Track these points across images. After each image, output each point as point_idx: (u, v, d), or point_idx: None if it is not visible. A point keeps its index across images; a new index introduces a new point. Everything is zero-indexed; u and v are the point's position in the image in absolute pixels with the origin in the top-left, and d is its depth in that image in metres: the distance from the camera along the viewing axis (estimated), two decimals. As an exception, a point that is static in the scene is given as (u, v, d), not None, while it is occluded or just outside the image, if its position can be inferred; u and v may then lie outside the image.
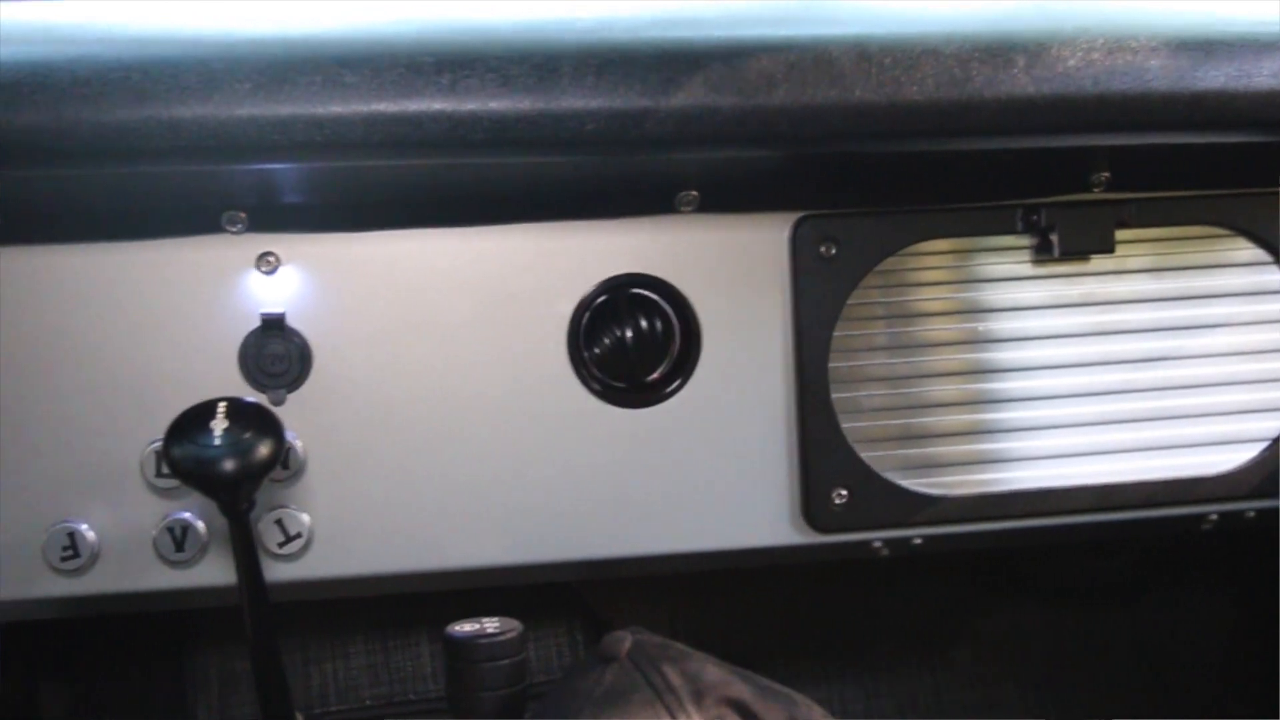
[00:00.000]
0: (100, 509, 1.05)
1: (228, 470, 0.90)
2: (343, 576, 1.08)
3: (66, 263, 1.03)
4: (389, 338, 1.06)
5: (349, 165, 0.96)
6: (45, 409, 1.03)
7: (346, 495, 1.07)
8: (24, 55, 0.89)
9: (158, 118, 0.88)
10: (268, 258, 1.04)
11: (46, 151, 0.89)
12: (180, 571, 1.06)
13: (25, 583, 1.04)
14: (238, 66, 0.89)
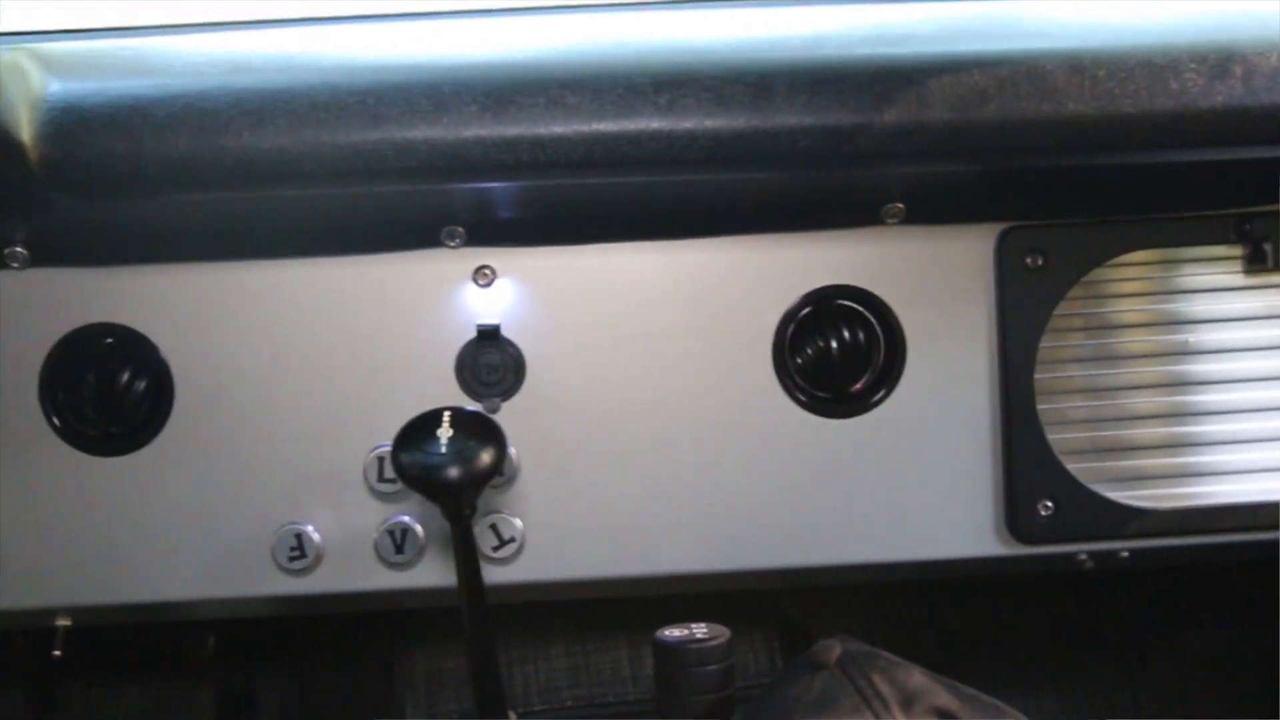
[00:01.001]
0: (325, 512, 1.09)
1: (453, 477, 0.93)
2: (552, 580, 1.11)
3: (294, 276, 1.08)
4: (599, 348, 1.09)
5: (567, 183, 1.00)
6: (275, 416, 1.08)
7: (557, 501, 1.10)
8: (267, 82, 0.94)
9: (391, 140, 0.93)
10: (484, 271, 1.08)
11: (287, 172, 0.94)
12: (399, 573, 1.10)
13: (255, 581, 1.10)
14: (465, 90, 0.94)
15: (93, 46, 1.04)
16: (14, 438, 1.08)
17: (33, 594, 1.10)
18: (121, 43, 1.05)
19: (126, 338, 1.08)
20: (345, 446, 1.09)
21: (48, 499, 1.08)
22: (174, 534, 1.09)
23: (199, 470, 1.09)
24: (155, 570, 1.10)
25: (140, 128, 0.94)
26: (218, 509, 1.09)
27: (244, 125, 0.94)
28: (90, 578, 1.10)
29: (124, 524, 1.09)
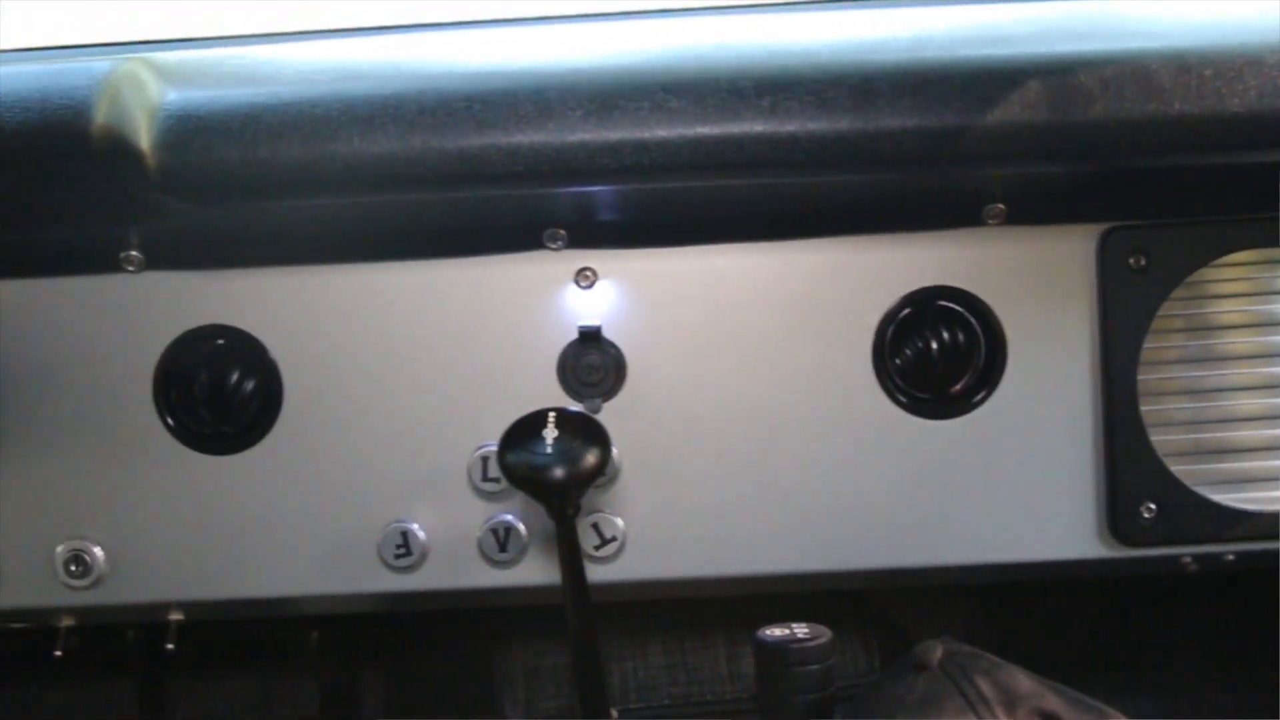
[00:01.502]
0: (430, 510, 1.11)
1: (558, 476, 0.94)
2: (653, 579, 1.12)
3: (400, 279, 1.10)
4: (700, 349, 1.10)
5: (669, 185, 1.01)
6: (382, 415, 1.10)
7: (658, 501, 1.11)
8: (376, 89, 0.96)
9: (497, 145, 0.95)
10: (586, 273, 1.09)
11: (396, 177, 0.96)
12: (502, 571, 1.12)
13: (361, 578, 1.12)
14: (570, 95, 0.95)
15: (205, 56, 1.06)
16: (130, 436, 1.10)
17: (147, 588, 1.13)
18: (231, 51, 1.08)
19: (237, 339, 1.10)
20: (450, 446, 1.10)
21: (162, 496, 1.11)
22: (283, 531, 1.12)
23: (307, 469, 1.11)
24: (265, 566, 1.12)
25: (253, 135, 0.97)
26: (325, 507, 1.11)
27: (354, 131, 0.96)
28: (202, 573, 1.12)
29: (235, 521, 1.12)
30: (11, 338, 1.10)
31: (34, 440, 1.11)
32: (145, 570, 1.12)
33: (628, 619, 1.41)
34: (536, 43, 1.05)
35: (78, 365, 1.10)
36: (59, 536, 1.11)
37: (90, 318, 1.10)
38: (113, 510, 1.11)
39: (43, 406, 1.10)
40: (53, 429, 1.11)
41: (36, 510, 1.12)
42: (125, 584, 1.13)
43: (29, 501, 1.11)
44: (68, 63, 1.04)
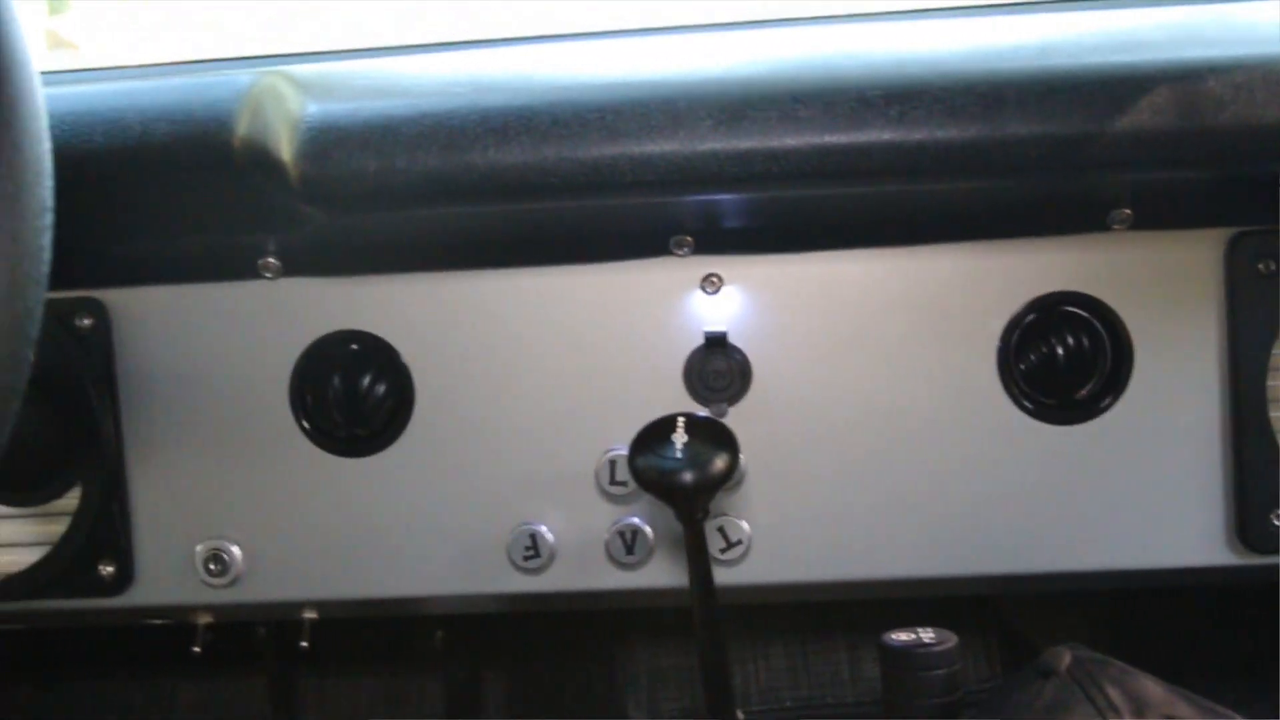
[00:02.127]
0: (558, 513, 1.13)
1: (688, 481, 0.96)
2: (777, 583, 1.13)
3: (529, 285, 1.12)
4: (825, 354, 1.11)
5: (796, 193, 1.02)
6: (511, 419, 1.12)
7: (784, 504, 1.12)
8: (510, 101, 0.98)
9: (629, 154, 0.96)
10: (712, 279, 1.10)
11: (529, 187, 0.98)
12: (628, 573, 1.13)
13: (491, 579, 1.14)
14: (700, 105, 0.96)
15: (341, 69, 1.09)
16: (267, 439, 1.14)
17: (283, 587, 1.16)
18: (367, 64, 1.11)
19: (370, 344, 1.13)
20: (578, 449, 1.12)
21: (297, 498, 1.14)
22: (414, 532, 1.14)
23: (438, 471, 1.13)
24: (396, 567, 1.15)
25: (392, 145, 0.99)
26: (456, 509, 1.14)
27: (489, 142, 0.98)
28: (336, 573, 1.15)
29: (367, 522, 1.14)
30: (155, 343, 1.13)
31: (176, 442, 1.14)
32: (281, 569, 1.16)
33: (750, 621, 1.42)
34: (665, 53, 1.07)
35: (218, 369, 1.13)
36: (199, 536, 1.15)
37: (230, 323, 1.13)
38: (251, 511, 1.15)
39: (184, 410, 1.14)
40: (194, 432, 1.14)
41: (178, 510, 1.15)
42: (262, 583, 1.16)
43: (171, 502, 1.15)
44: (210, 76, 1.08)
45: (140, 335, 1.14)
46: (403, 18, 1.20)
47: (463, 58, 1.11)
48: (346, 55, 1.17)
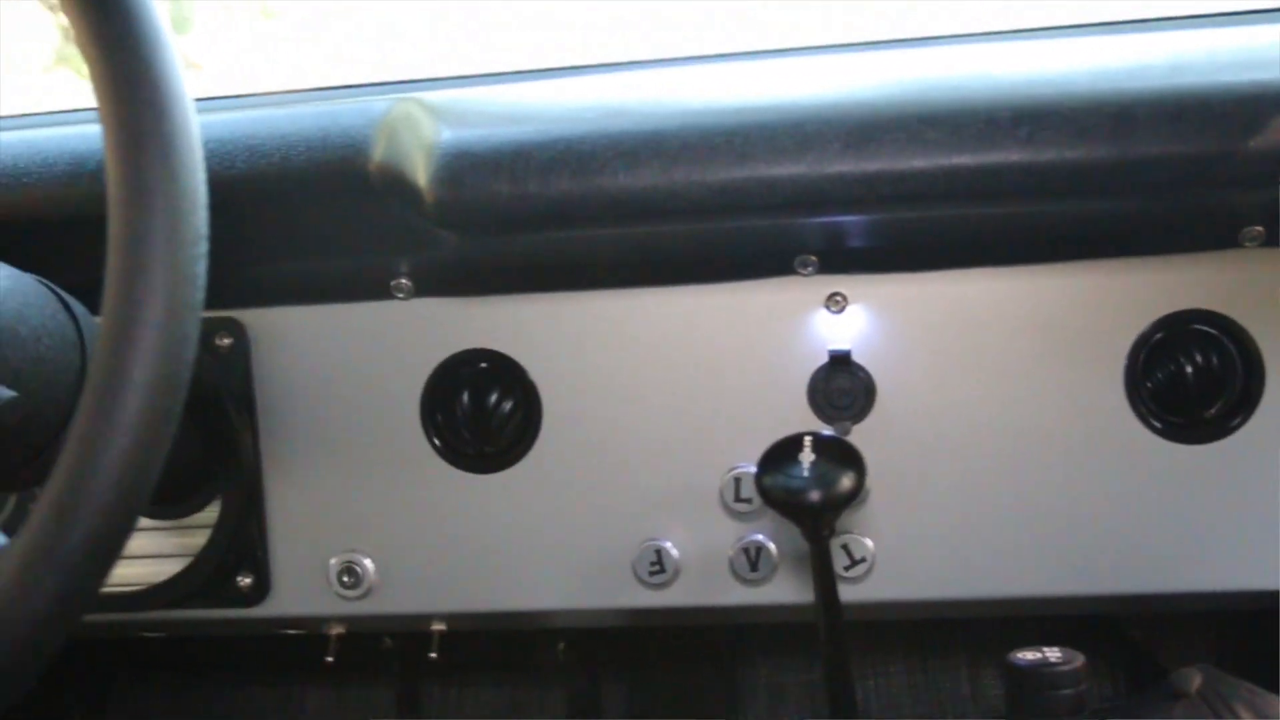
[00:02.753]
0: (683, 529, 1.15)
1: (815, 500, 0.97)
2: (901, 600, 1.14)
3: (654, 304, 1.13)
4: (949, 373, 1.11)
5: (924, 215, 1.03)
6: (637, 436, 1.14)
7: (907, 522, 1.13)
8: (640, 125, 1.01)
9: (757, 177, 0.98)
10: (836, 298, 1.11)
11: (658, 210, 1.00)
12: (752, 589, 1.15)
13: (616, 593, 1.16)
14: (828, 127, 0.98)
15: (473, 95, 1.12)
16: (399, 455, 1.17)
17: (413, 599, 1.19)
18: (498, 90, 1.13)
19: (499, 362, 1.15)
20: (703, 466, 1.14)
21: (428, 512, 1.17)
22: (542, 547, 1.16)
23: (565, 487, 1.16)
24: (524, 580, 1.17)
25: (524, 170, 1.02)
26: (582, 524, 1.16)
27: (619, 166, 1.01)
28: (465, 586, 1.18)
29: (496, 536, 1.17)
30: (292, 361, 1.17)
31: (311, 458, 1.18)
32: (411, 582, 1.18)
33: (870, 637, 1.43)
34: (791, 76, 1.08)
35: (352, 387, 1.17)
36: (333, 549, 1.18)
37: (363, 342, 1.16)
38: (383, 525, 1.18)
39: (320, 426, 1.17)
40: (328, 447, 1.17)
41: (312, 524, 1.19)
42: (393, 595, 1.19)
43: (306, 516, 1.19)
44: (345, 103, 1.11)
45: (277, 354, 1.17)
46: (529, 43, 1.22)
47: (591, 82, 1.13)
48: (475, 80, 1.20)
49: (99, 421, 0.71)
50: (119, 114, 0.74)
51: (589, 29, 1.20)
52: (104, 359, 0.71)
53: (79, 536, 0.70)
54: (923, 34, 1.18)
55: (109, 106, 0.74)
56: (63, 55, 3.90)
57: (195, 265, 0.74)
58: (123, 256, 0.72)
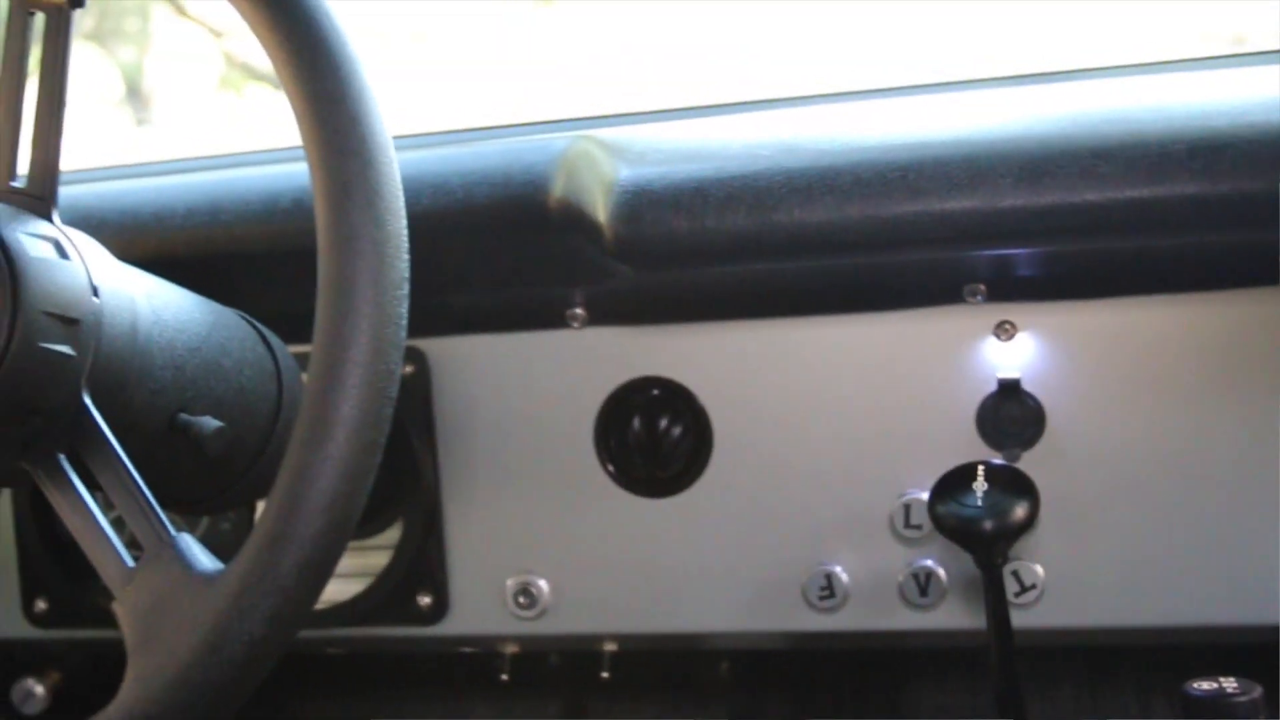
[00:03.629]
0: (853, 554, 1.17)
1: (989, 529, 0.99)
2: (1072, 626, 1.15)
3: (824, 333, 1.16)
4: (1119, 399, 1.11)
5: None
6: (806, 462, 1.17)
7: (1077, 550, 1.13)
8: (815, 162, 1.03)
9: (929, 211, 1.00)
10: (1005, 326, 1.12)
11: (832, 244, 1.03)
12: (921, 614, 1.16)
13: (785, 617, 1.19)
14: (1000, 161, 1.00)
15: (647, 132, 1.16)
16: (573, 480, 1.20)
17: (586, 620, 1.23)
18: (672, 127, 1.17)
19: (670, 389, 1.18)
20: (872, 493, 1.16)
21: (601, 535, 1.21)
22: (713, 570, 1.19)
23: (736, 512, 1.18)
24: (693, 603, 1.20)
25: (701, 207, 1.05)
26: (753, 548, 1.18)
27: (794, 202, 1.03)
28: (636, 608, 1.21)
29: (667, 560, 1.20)
30: (470, 388, 1.21)
31: (489, 481, 1.22)
32: (584, 603, 1.22)
33: (1036, 663, 1.43)
34: (960, 110, 1.10)
35: (527, 413, 1.21)
36: (509, 570, 1.22)
37: (539, 370, 1.20)
38: (558, 547, 1.21)
39: (496, 451, 1.22)
40: (505, 471, 1.22)
41: (490, 546, 1.23)
42: (566, 615, 1.22)
43: (483, 537, 1.23)
44: (524, 141, 1.16)
45: (456, 381, 1.22)
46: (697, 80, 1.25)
47: (762, 118, 1.16)
48: (647, 117, 1.23)
49: (310, 455, 0.75)
50: (328, 164, 0.78)
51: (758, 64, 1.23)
52: (314, 396, 0.76)
53: (291, 562, 0.75)
54: (1090, 66, 1.18)
55: (318, 156, 0.78)
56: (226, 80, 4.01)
57: (399, 306, 0.78)
58: (332, 299, 0.77)
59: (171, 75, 3.91)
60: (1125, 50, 1.21)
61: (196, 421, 0.90)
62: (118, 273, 0.89)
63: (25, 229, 0.82)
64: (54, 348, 0.80)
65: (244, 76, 4.23)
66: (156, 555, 0.78)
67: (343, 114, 0.79)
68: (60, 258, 0.83)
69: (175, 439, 0.90)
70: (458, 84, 1.50)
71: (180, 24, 4.00)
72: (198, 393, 0.93)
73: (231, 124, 3.54)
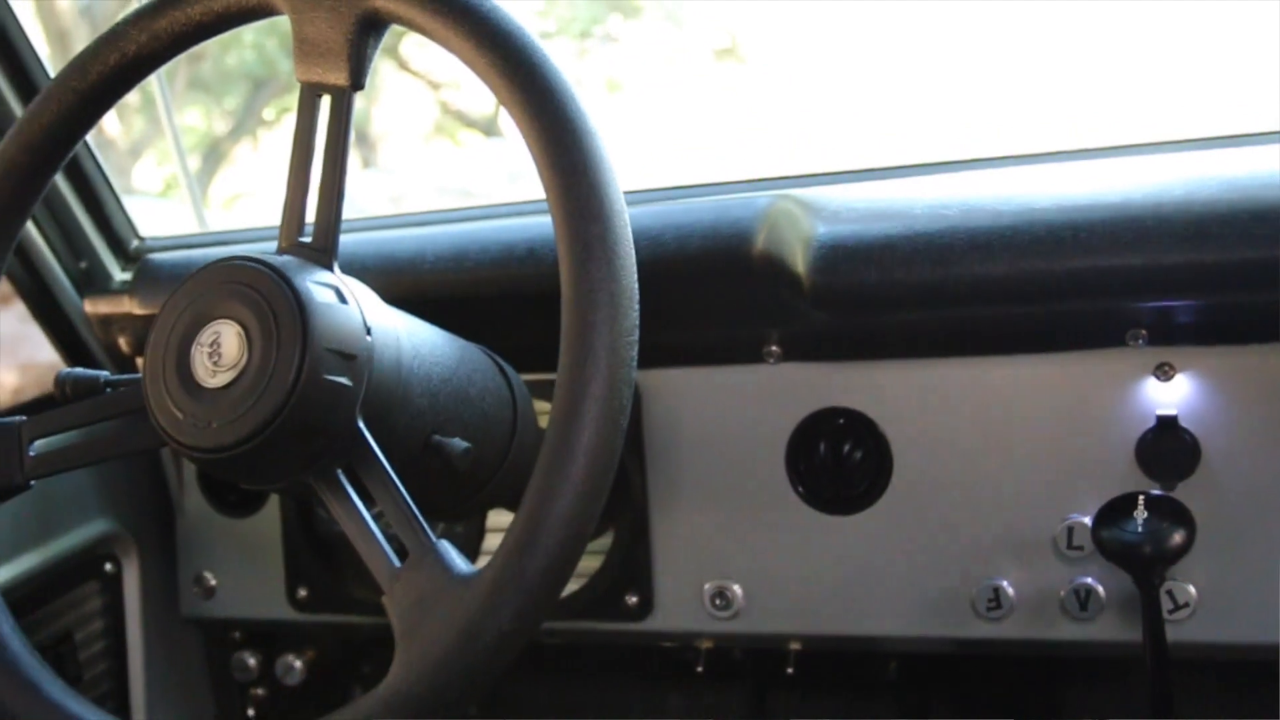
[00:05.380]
0: (1019, 570, 1.19)
1: (1147, 553, 1.01)
2: (1222, 642, 1.15)
3: (997, 372, 1.18)
4: (1270, 434, 1.12)
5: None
6: (978, 486, 1.19)
7: (1229, 572, 1.14)
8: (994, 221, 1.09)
9: (1097, 267, 1.04)
10: (1165, 367, 1.13)
11: (1008, 296, 1.07)
12: (1080, 626, 1.18)
13: (954, 624, 1.21)
14: (1164, 223, 1.02)
15: (841, 192, 1.19)
16: (766, 497, 1.24)
17: (774, 621, 1.26)
18: (863, 187, 1.20)
19: (854, 419, 1.22)
20: (1038, 516, 1.18)
21: (790, 547, 1.25)
22: (889, 580, 1.22)
23: (912, 529, 1.21)
24: (871, 609, 1.23)
25: (890, 261, 1.09)
26: (927, 562, 1.21)
27: (974, 258, 1.07)
28: (819, 611, 1.25)
29: (848, 570, 1.23)
30: (675, 414, 1.26)
31: (691, 496, 1.26)
32: (773, 606, 1.26)
33: (1186, 674, 1.42)
34: (1124, 172, 1.12)
35: (726, 437, 1.25)
36: (707, 576, 1.27)
37: (737, 400, 1.24)
38: (751, 556, 1.26)
39: (698, 470, 1.26)
40: (705, 488, 1.26)
41: (690, 553, 1.28)
42: (757, 616, 1.27)
43: (685, 546, 1.28)
44: (729, 198, 1.21)
45: (664, 408, 1.26)
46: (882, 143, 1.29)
47: (946, 180, 1.19)
48: (842, 178, 1.27)
49: (554, 477, 0.81)
50: (573, 226, 0.84)
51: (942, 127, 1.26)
52: (558, 427, 0.81)
53: (536, 568, 0.80)
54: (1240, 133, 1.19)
55: (564, 219, 0.84)
56: (440, 126, 4.14)
57: (630, 350, 0.83)
58: (574, 343, 0.82)
59: (394, 121, 4.06)
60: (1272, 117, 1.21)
61: (448, 442, 0.94)
62: (384, 313, 0.95)
63: (312, 278, 0.88)
64: (335, 379, 0.86)
65: (458, 123, 4.36)
66: (420, 559, 0.83)
67: (585, 183, 0.84)
68: (340, 302, 0.89)
69: (429, 457, 0.95)
70: (656, 137, 1.55)
71: (402, 77, 4.15)
72: (448, 417, 0.99)
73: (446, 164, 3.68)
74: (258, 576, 1.41)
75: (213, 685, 1.52)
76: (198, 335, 0.88)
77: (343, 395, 0.87)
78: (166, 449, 0.98)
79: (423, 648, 0.81)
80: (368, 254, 1.27)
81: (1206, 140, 1.20)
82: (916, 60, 1.32)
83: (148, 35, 0.97)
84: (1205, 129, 1.21)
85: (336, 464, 0.88)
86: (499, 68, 0.86)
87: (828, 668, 1.50)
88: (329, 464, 0.88)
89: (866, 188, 1.21)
